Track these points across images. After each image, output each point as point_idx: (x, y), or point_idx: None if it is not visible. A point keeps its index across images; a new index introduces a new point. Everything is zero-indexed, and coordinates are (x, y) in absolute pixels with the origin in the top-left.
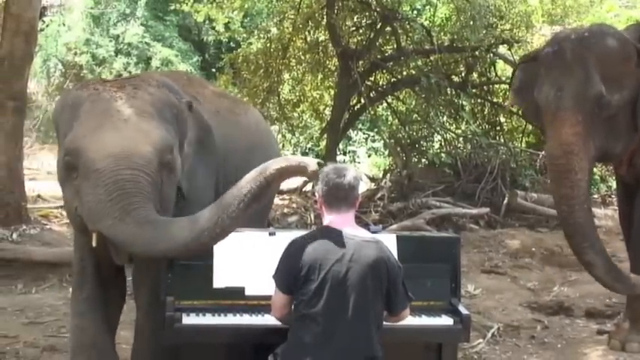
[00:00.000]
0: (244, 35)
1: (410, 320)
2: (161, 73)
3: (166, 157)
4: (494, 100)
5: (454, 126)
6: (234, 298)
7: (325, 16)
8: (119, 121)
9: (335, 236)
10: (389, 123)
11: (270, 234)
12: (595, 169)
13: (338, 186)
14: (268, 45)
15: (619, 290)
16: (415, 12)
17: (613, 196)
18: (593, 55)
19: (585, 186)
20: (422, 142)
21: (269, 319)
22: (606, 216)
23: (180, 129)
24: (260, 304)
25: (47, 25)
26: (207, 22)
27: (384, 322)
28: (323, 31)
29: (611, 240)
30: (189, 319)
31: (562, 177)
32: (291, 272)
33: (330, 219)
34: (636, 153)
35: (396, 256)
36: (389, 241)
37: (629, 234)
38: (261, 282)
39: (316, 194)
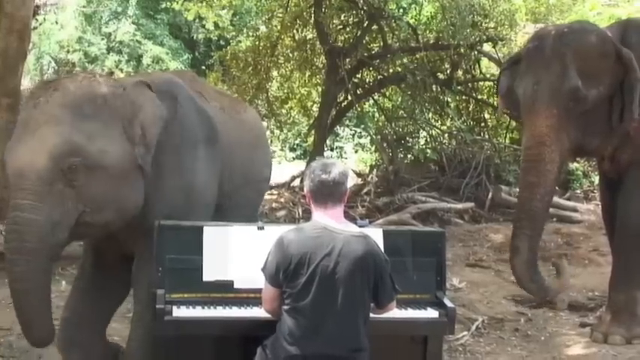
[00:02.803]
0: (234, 33)
1: (396, 313)
2: (172, 72)
3: (69, 160)
4: (479, 97)
5: (439, 122)
6: (224, 291)
7: (313, 15)
8: (28, 131)
9: (323, 231)
10: (375, 120)
11: (259, 228)
12: (578, 165)
13: (323, 182)
14: (257, 43)
15: (527, 288)
16: (401, 10)
17: (595, 191)
18: (571, 51)
19: (552, 178)
20: (408, 138)
21: (258, 312)
22: (589, 211)
23: (118, 114)
24: (249, 297)
25: (40, 24)
26: (197, 20)
27: (371, 315)
28: (311, 30)
29: (594, 234)
30: (180, 312)
31: (531, 166)
32: (280, 266)
33: (318, 214)
34: (619, 149)
35: (382, 250)
36: (375, 235)
37: (611, 228)
38: (249, 275)
39: (304, 189)
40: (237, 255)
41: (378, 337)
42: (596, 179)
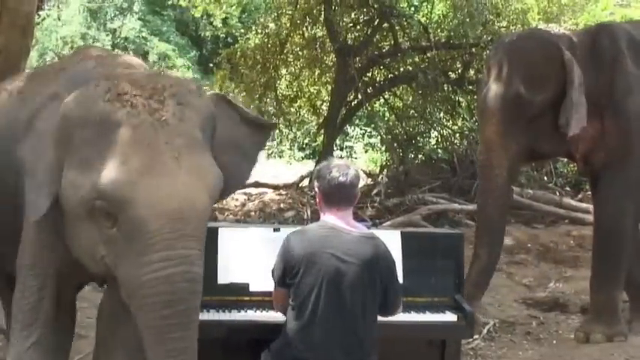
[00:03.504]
0: (242, 31)
1: (414, 316)
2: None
3: (216, 198)
4: None
5: (451, 122)
6: (239, 294)
7: (323, 12)
8: (170, 159)
9: (332, 231)
10: (386, 119)
11: (275, 230)
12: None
13: (340, 185)
14: (266, 40)
15: (468, 293)
16: (412, 9)
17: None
18: (517, 58)
19: (502, 182)
20: (418, 138)
21: (273, 315)
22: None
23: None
24: (264, 300)
25: (43, 19)
26: (204, 17)
27: (387, 318)
28: (320, 27)
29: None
30: None
31: (483, 171)
32: (286, 266)
33: (328, 215)
34: (591, 152)
35: (400, 252)
36: (393, 237)
37: None
38: (265, 278)
39: (316, 189)
40: (253, 257)
41: (394, 341)
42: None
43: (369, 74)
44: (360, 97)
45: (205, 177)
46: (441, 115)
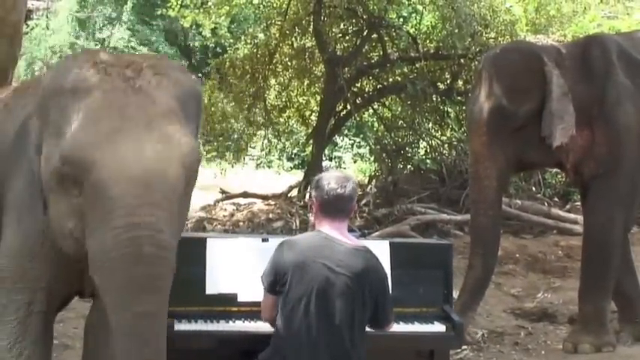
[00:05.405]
0: (231, 41)
1: (402, 327)
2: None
3: (194, 174)
4: None
5: (439, 132)
6: (227, 305)
7: (312, 23)
8: (140, 125)
9: (325, 242)
10: (374, 129)
11: (263, 240)
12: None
13: (338, 197)
14: (255, 50)
15: (464, 303)
16: (401, 20)
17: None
18: (500, 71)
19: (492, 193)
20: (407, 149)
21: (262, 326)
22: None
23: (197, 122)
24: (253, 311)
25: (32, 29)
26: (193, 27)
27: (375, 330)
28: (310, 38)
29: None
30: (182, 326)
31: (473, 183)
32: (278, 273)
33: (323, 225)
34: (581, 162)
35: (389, 263)
36: (382, 247)
37: None
38: (254, 288)
39: (312, 199)
40: (242, 267)
41: (383, 351)
42: None
43: (358, 85)
44: (349, 107)
45: (178, 146)
46: (430, 125)
